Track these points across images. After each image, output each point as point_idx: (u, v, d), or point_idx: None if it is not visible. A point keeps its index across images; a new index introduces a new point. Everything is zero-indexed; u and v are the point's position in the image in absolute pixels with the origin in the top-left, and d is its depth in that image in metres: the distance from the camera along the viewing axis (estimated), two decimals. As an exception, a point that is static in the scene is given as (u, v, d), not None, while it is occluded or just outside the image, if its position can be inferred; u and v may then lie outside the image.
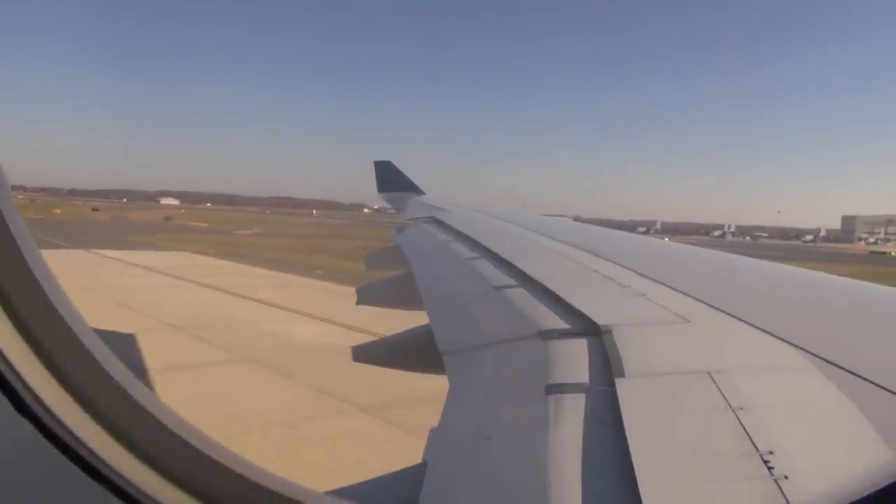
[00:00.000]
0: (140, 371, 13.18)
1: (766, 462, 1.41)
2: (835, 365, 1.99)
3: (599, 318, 2.50)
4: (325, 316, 21.11)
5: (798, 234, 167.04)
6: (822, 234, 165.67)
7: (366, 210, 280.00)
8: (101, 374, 0.96)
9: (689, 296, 2.92)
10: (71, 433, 0.92)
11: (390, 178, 12.48)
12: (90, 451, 0.92)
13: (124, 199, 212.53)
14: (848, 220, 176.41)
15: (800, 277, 3.92)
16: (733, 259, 4.78)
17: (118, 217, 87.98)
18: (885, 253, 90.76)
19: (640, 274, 3.49)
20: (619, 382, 1.88)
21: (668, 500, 1.37)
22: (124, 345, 14.93)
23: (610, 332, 2.34)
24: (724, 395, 1.76)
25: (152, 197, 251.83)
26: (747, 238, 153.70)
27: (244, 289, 26.34)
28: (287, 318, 21.04)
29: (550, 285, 3.19)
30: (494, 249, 4.57)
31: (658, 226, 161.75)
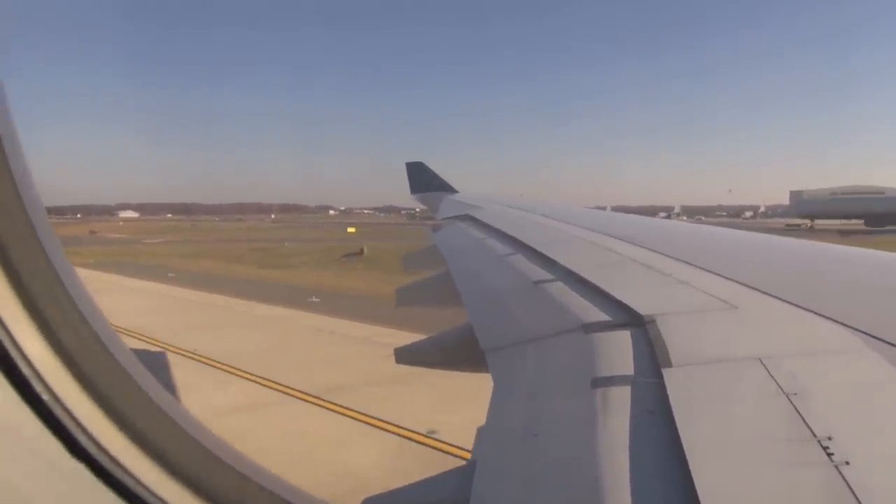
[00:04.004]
0: None
1: (825, 448, 1.39)
2: (893, 345, 1.94)
3: (642, 308, 2.48)
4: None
5: (740, 211, 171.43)
6: (762, 210, 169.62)
7: (331, 212, 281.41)
8: (127, 379, 1.00)
9: (735, 280, 2.87)
10: (91, 437, 0.92)
11: (422, 179, 12.56)
12: (115, 460, 0.93)
13: (78, 215, 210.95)
14: (795, 195, 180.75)
15: (849, 255, 3.82)
16: (778, 240, 4.66)
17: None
18: (799, 225, 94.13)
19: (682, 261, 3.43)
20: (666, 373, 1.87)
21: (723, 488, 1.35)
22: None
23: (654, 321, 2.32)
24: (776, 381, 1.73)
25: (111, 210, 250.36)
26: (701, 218, 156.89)
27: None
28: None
29: (590, 277, 3.17)
30: (530, 244, 4.56)
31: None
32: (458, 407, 12.76)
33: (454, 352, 3.70)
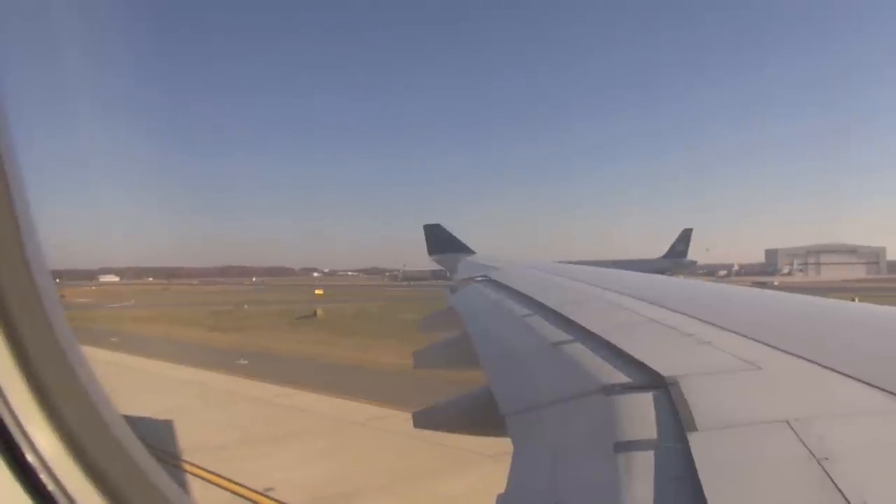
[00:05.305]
0: None
1: None
2: None
3: (664, 370, 2.44)
4: None
5: (714, 270, 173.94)
6: (736, 268, 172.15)
7: (315, 274, 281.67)
8: (137, 473, 0.99)
9: (758, 341, 2.84)
10: None
11: (440, 240, 12.84)
12: None
13: (57, 280, 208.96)
14: (770, 253, 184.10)
15: (871, 313, 3.81)
16: (797, 298, 4.67)
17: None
18: (765, 283, 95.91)
19: (704, 321, 3.40)
20: (691, 437, 1.83)
21: None
22: None
23: (676, 383, 2.28)
24: (805, 445, 1.70)
25: (93, 275, 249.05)
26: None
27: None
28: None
29: (609, 338, 3.16)
30: (549, 305, 4.56)
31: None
32: (312, 465, 13.22)
33: (473, 415, 3.73)
